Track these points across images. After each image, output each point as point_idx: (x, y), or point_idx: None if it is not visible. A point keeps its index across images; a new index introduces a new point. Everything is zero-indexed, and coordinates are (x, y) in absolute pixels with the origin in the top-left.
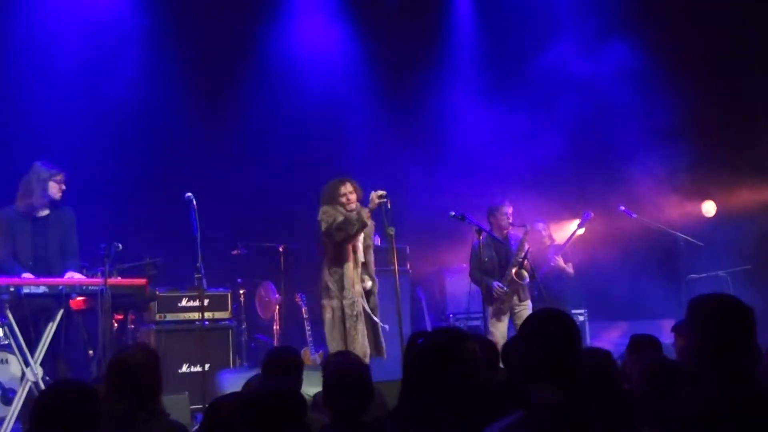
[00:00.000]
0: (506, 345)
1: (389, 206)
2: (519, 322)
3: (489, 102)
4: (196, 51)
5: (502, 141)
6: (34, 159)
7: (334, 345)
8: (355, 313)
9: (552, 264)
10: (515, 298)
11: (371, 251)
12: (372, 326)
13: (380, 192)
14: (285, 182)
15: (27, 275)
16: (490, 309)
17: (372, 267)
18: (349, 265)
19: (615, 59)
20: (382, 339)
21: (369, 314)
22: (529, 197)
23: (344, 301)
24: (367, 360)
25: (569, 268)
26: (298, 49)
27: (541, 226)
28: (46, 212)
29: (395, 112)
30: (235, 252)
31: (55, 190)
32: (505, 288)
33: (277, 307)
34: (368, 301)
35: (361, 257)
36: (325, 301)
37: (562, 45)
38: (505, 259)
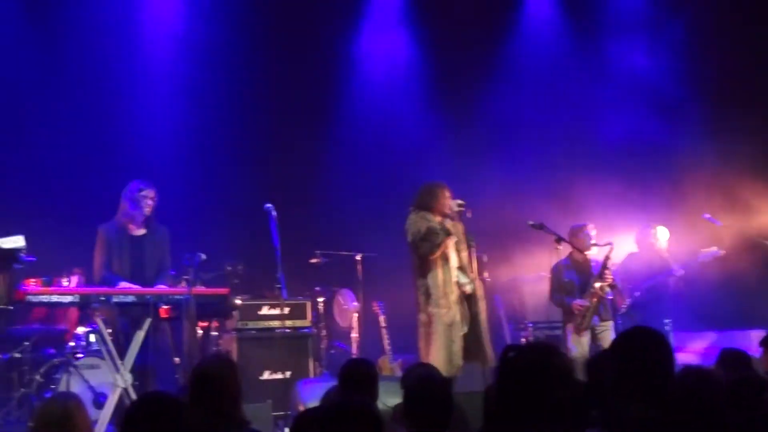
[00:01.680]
0: (592, 360)
1: (469, 215)
2: (599, 340)
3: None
4: (272, 59)
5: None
6: (130, 175)
7: (426, 358)
8: (447, 322)
9: (677, 274)
10: (597, 317)
11: (473, 254)
12: (475, 336)
13: (459, 201)
14: (362, 191)
15: (124, 284)
16: (570, 326)
17: (471, 270)
18: (437, 274)
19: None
20: (487, 345)
21: (471, 321)
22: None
23: (433, 310)
24: (459, 372)
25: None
26: (371, 58)
27: (652, 230)
28: (143, 231)
29: (469, 119)
30: (313, 260)
31: (145, 206)
32: (587, 303)
33: (356, 315)
34: (471, 306)
35: (454, 263)
36: (419, 315)
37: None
38: (586, 279)
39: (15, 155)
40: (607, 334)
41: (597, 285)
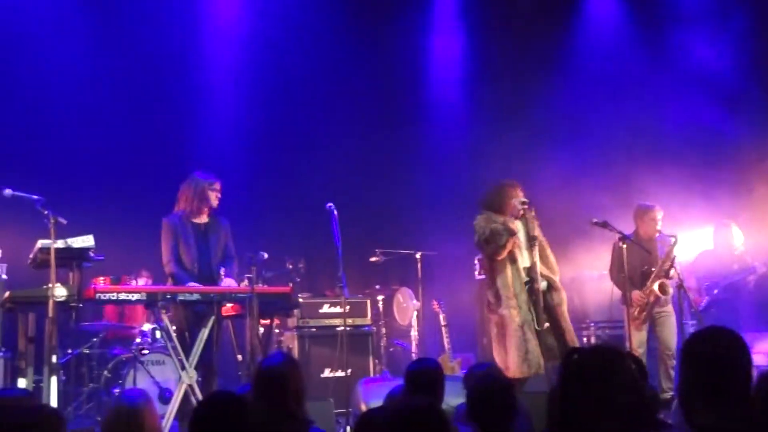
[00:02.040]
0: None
1: (533, 213)
2: (660, 329)
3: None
4: (335, 56)
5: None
6: (188, 169)
7: (499, 361)
8: (519, 323)
9: (760, 271)
10: (656, 306)
11: (546, 249)
12: (556, 331)
13: (522, 199)
14: (422, 189)
15: (192, 284)
16: (628, 313)
17: (545, 266)
18: (506, 275)
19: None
20: (571, 341)
21: (549, 318)
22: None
23: (504, 312)
24: (542, 371)
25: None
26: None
27: (730, 227)
28: (205, 220)
29: (529, 114)
30: (373, 259)
31: (213, 198)
32: (645, 299)
33: (415, 313)
34: (547, 300)
35: (524, 262)
36: (491, 316)
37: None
38: (648, 267)
39: (82, 155)
40: (667, 319)
41: (656, 286)
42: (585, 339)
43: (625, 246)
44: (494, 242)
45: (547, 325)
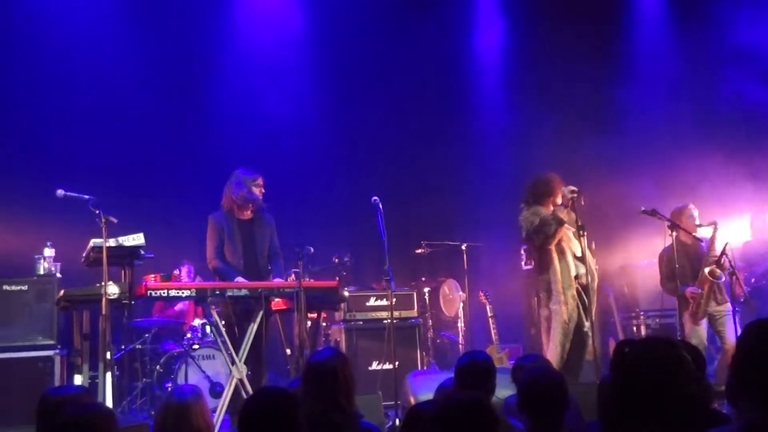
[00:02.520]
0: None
1: (582, 202)
2: (718, 326)
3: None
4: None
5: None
6: (233, 165)
7: (551, 356)
8: (565, 319)
9: None
10: (712, 301)
11: (584, 240)
12: (582, 326)
13: (572, 187)
14: (466, 180)
15: (239, 279)
16: (686, 314)
17: (587, 257)
18: (556, 269)
19: None
20: (590, 341)
21: (583, 317)
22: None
23: (553, 306)
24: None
25: None
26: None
27: (761, 216)
28: (249, 216)
29: (576, 104)
30: (419, 251)
31: (257, 193)
32: (700, 290)
33: (462, 304)
34: (585, 298)
35: (575, 250)
36: (540, 310)
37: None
38: (697, 262)
39: (129, 153)
40: (725, 318)
41: (707, 270)
42: (635, 328)
43: (673, 234)
44: (543, 231)
45: (588, 324)
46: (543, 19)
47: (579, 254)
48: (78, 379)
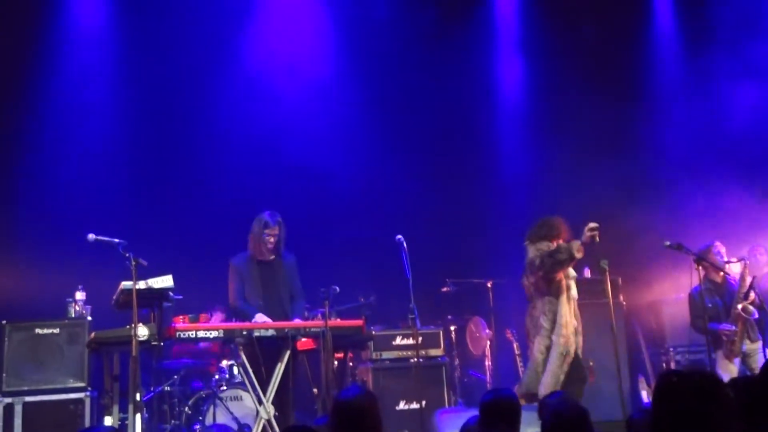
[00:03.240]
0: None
1: (597, 239)
2: (752, 363)
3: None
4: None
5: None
6: (260, 207)
7: (540, 384)
8: (563, 352)
9: None
10: (746, 339)
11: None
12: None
13: (592, 225)
14: (492, 218)
15: (259, 315)
16: (720, 352)
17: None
18: (563, 300)
19: None
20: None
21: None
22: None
23: (555, 339)
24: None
25: None
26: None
27: (761, 250)
28: (271, 257)
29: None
30: (444, 289)
31: (268, 241)
32: (734, 327)
33: (488, 342)
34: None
35: (574, 293)
36: (536, 339)
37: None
38: (729, 300)
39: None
40: (758, 355)
41: (739, 306)
42: (664, 365)
43: (700, 268)
44: (555, 258)
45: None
46: (560, 53)
47: (575, 296)
48: (108, 421)
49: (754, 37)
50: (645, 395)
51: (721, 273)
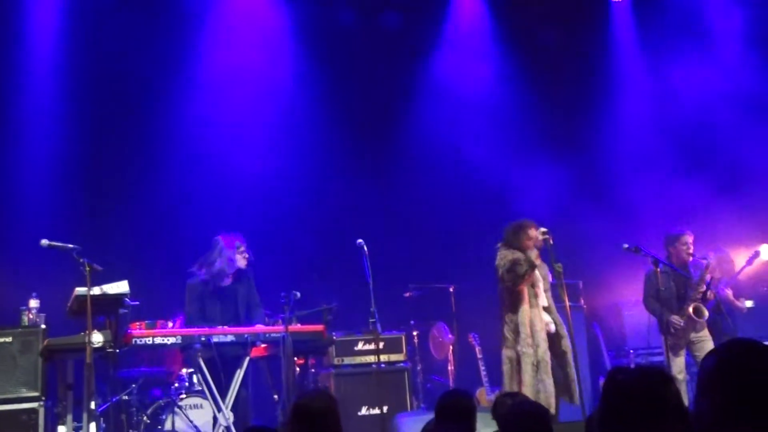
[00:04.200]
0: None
1: (551, 242)
2: (696, 351)
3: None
4: (357, 92)
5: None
6: (221, 217)
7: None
8: (534, 362)
9: (722, 296)
10: (692, 331)
11: (549, 294)
12: (563, 373)
13: (542, 229)
14: (453, 223)
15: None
16: (666, 341)
17: (554, 309)
18: (525, 310)
19: None
20: (575, 385)
21: (557, 361)
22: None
23: (521, 349)
24: (552, 411)
25: (740, 303)
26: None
27: (711, 255)
28: (229, 281)
29: (558, 148)
30: (407, 294)
31: (241, 260)
32: (682, 323)
33: (451, 347)
34: (558, 346)
35: (543, 301)
36: (503, 351)
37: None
38: (683, 290)
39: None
40: (705, 344)
41: (691, 307)
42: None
43: (659, 270)
44: (514, 271)
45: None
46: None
47: (544, 304)
48: (62, 430)
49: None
50: None
51: (684, 262)
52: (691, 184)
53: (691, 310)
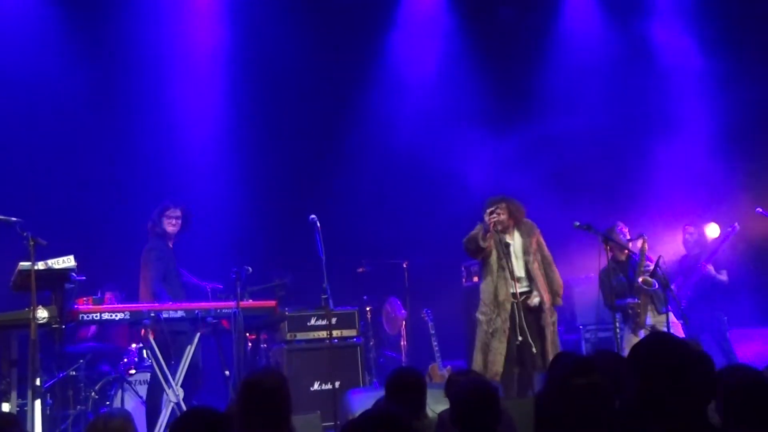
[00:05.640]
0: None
1: (498, 223)
2: None
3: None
4: (309, 69)
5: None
6: (169, 186)
7: (470, 357)
8: (491, 330)
9: (704, 272)
10: (652, 311)
11: (550, 267)
12: (521, 343)
13: (489, 209)
14: (407, 198)
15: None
16: (627, 327)
17: (541, 280)
18: (489, 281)
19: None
20: (531, 357)
21: (516, 331)
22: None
23: (478, 316)
24: (497, 378)
25: (722, 276)
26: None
27: (690, 229)
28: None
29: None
30: (360, 270)
31: (168, 225)
32: (637, 300)
33: (404, 322)
34: (538, 318)
35: (517, 272)
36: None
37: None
38: (632, 276)
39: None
40: (663, 328)
41: (640, 279)
42: (574, 342)
43: (608, 247)
44: (468, 247)
45: (520, 339)
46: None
47: (519, 274)
48: (6, 407)
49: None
50: None
51: (626, 251)
52: (643, 158)
53: (640, 280)
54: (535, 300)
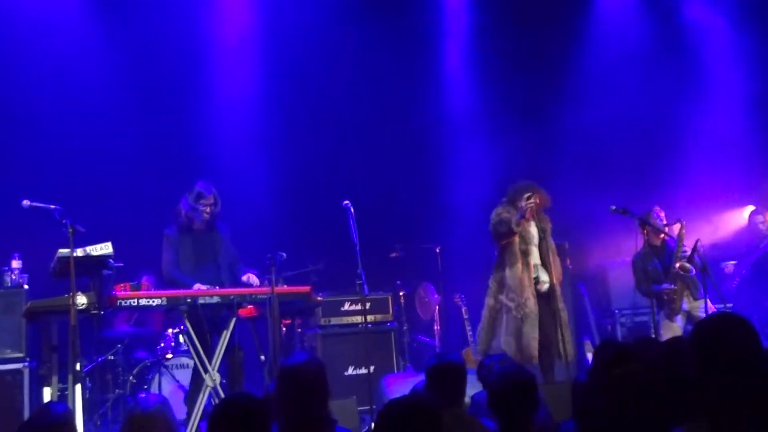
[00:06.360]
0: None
1: (536, 207)
2: (695, 321)
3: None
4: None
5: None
6: (204, 172)
7: (481, 341)
8: (520, 315)
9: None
10: (688, 297)
11: (554, 254)
12: (552, 329)
13: (527, 194)
14: (440, 183)
15: (198, 285)
16: (662, 313)
17: (553, 268)
18: (517, 267)
19: None
20: (563, 343)
21: (552, 321)
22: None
23: (504, 299)
24: (533, 361)
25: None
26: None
27: (759, 218)
28: (203, 228)
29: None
30: (393, 254)
31: (203, 213)
32: (673, 286)
33: (437, 307)
34: (551, 303)
35: (534, 259)
36: (487, 299)
37: None
38: (668, 261)
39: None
40: (700, 313)
41: (677, 265)
42: (609, 327)
43: (645, 231)
44: (496, 230)
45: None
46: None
47: (535, 261)
48: (47, 392)
49: None
50: (591, 357)
51: (661, 236)
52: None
53: (677, 266)
54: (545, 286)
